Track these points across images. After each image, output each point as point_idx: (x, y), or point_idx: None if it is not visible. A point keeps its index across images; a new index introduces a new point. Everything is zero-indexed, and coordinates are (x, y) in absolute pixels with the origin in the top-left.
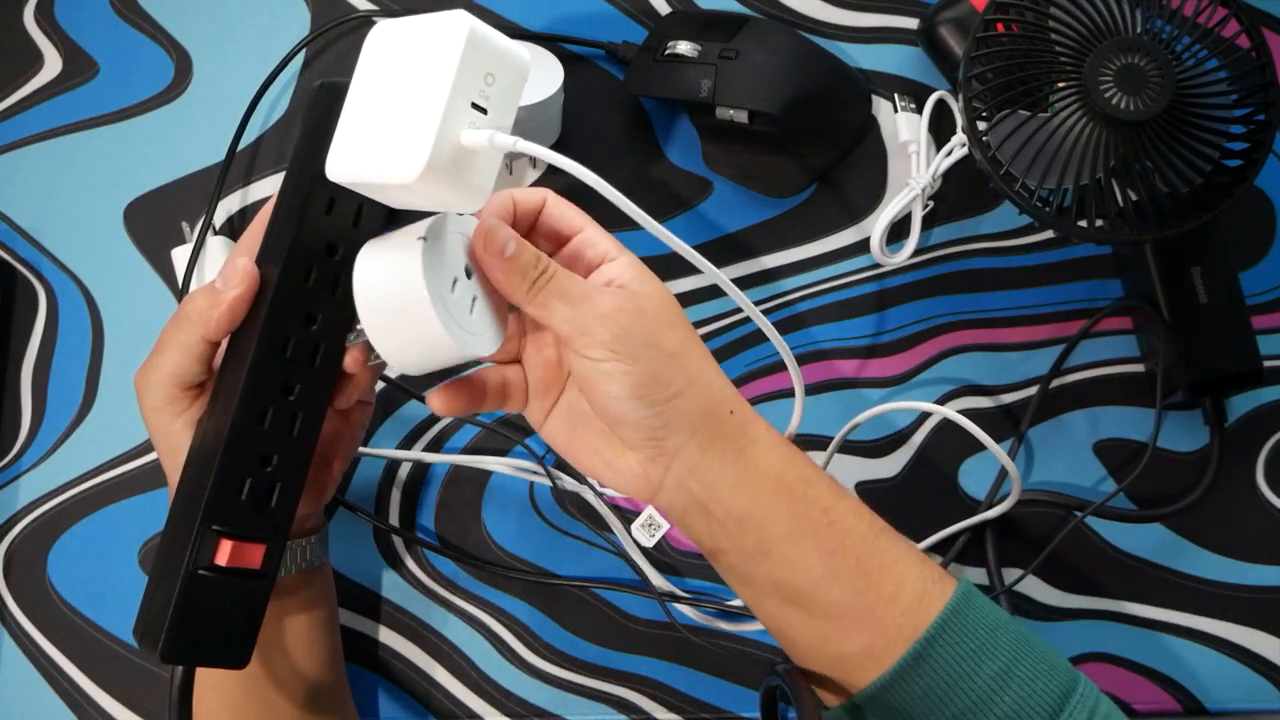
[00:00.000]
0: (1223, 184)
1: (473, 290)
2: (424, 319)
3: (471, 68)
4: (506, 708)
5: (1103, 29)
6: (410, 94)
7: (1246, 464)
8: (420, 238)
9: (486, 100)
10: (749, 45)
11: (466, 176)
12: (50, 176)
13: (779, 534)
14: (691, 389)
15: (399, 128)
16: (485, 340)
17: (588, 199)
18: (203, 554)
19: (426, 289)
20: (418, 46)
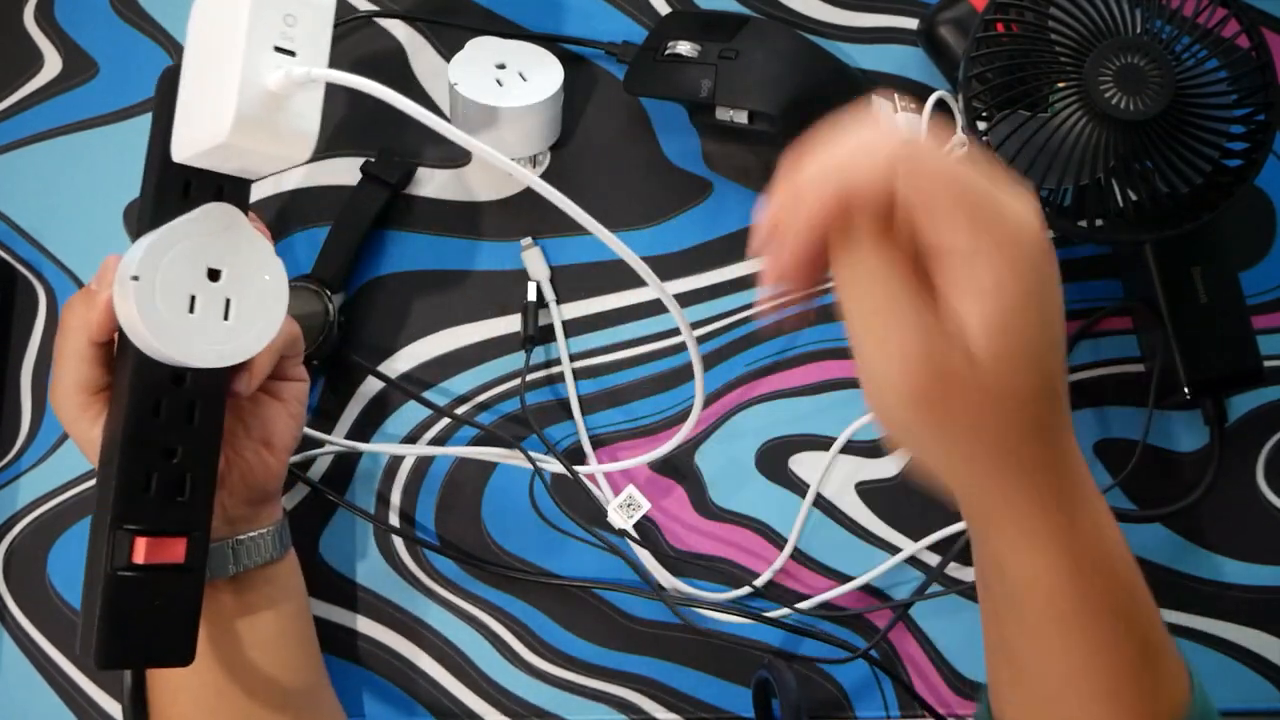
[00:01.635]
0: (1223, 184)
1: (224, 292)
2: (156, 353)
3: (265, 12)
4: (506, 708)
5: (1103, 29)
6: (216, 53)
7: (1246, 464)
8: (132, 276)
9: (291, 41)
10: (749, 45)
11: (286, 122)
12: (50, 176)
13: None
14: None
15: (211, 88)
16: (259, 332)
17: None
18: (119, 554)
19: (147, 331)
20: (217, 6)
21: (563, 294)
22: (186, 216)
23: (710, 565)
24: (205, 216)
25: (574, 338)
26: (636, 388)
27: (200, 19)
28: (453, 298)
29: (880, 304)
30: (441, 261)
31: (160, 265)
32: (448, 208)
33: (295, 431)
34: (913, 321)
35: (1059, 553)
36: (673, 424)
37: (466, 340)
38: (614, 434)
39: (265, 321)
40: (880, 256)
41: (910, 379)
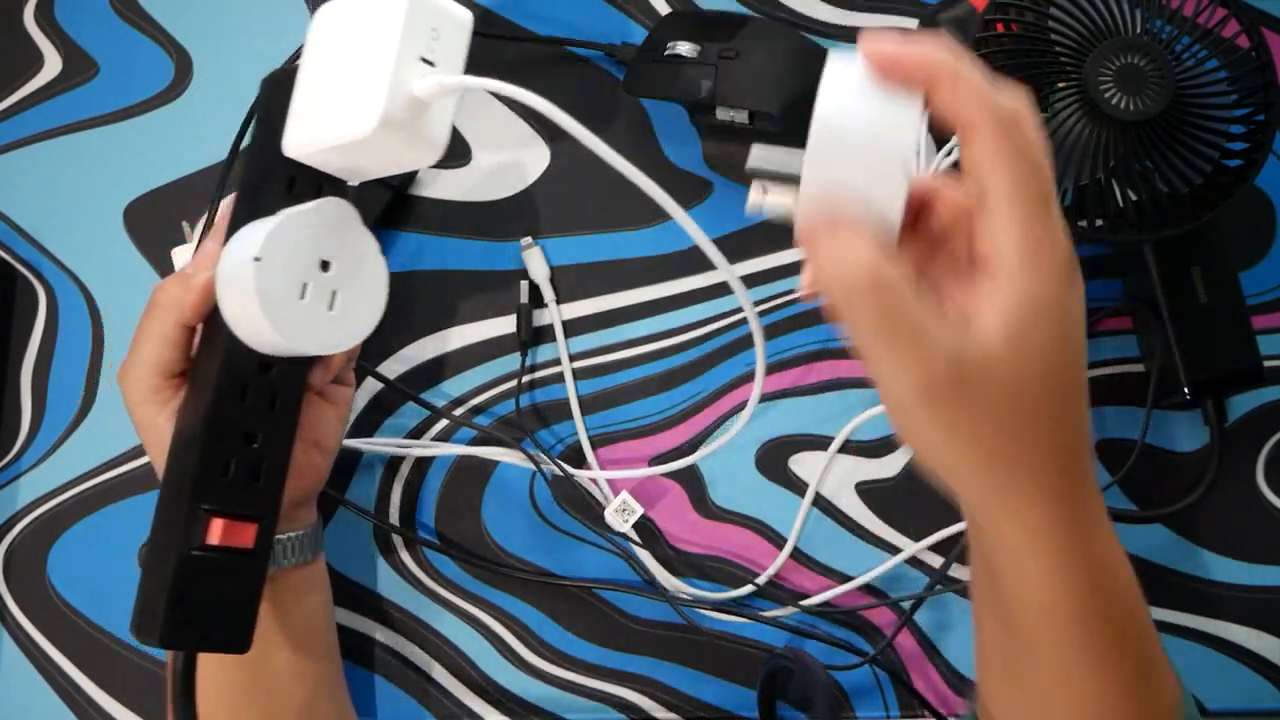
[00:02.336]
0: (1223, 184)
1: (332, 283)
2: (270, 337)
3: (417, 24)
4: (506, 708)
5: (1103, 29)
6: (359, 59)
7: (1246, 464)
8: (255, 258)
9: (434, 54)
10: (749, 45)
11: (422, 128)
12: (50, 176)
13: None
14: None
15: (352, 89)
16: (358, 325)
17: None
18: (194, 534)
19: (261, 310)
20: (361, 17)
21: (563, 294)
22: (304, 207)
23: (710, 565)
24: (321, 209)
25: (574, 338)
26: (636, 388)
27: (333, 26)
28: (453, 298)
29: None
30: (441, 261)
31: (281, 249)
32: (448, 208)
33: (341, 435)
34: (924, 322)
35: (1064, 571)
36: (673, 424)
37: (466, 341)
38: (614, 434)
39: (364, 316)
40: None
41: (924, 379)
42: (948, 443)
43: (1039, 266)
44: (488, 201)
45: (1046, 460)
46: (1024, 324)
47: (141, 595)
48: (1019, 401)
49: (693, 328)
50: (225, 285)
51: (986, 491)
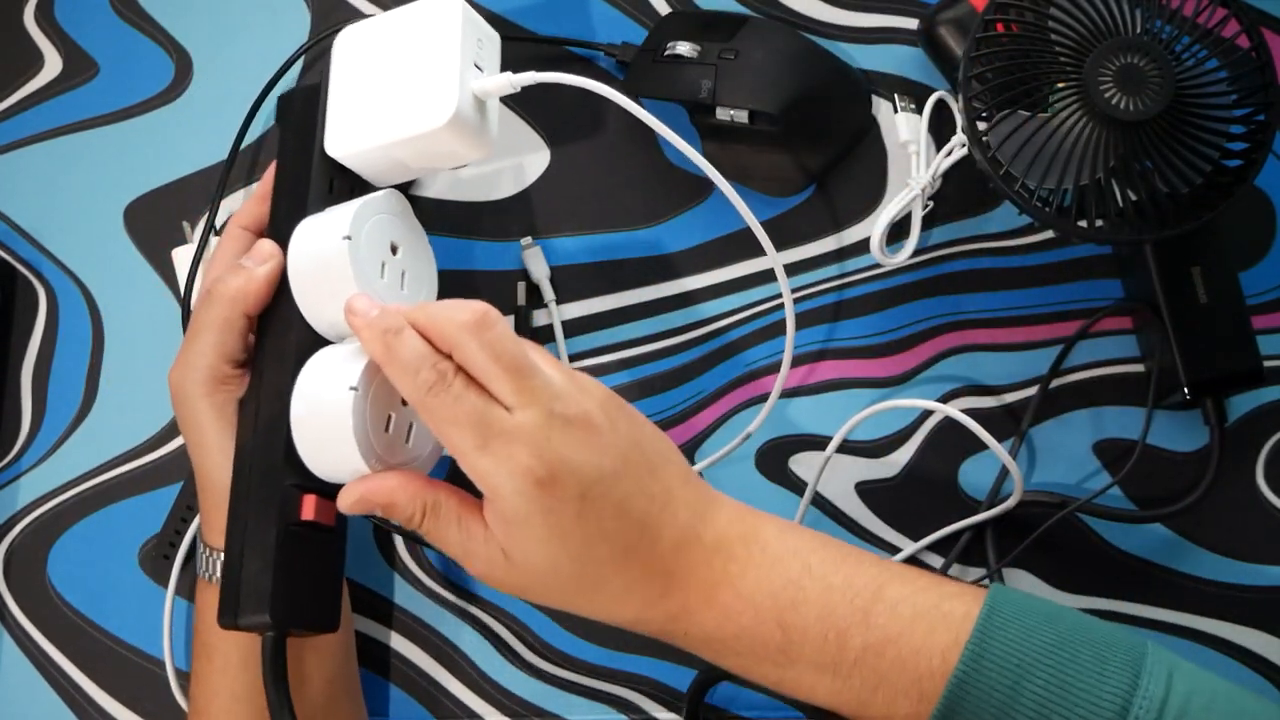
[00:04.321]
0: (1223, 184)
1: (400, 265)
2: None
3: (470, 35)
4: (506, 708)
5: (1103, 29)
6: (417, 62)
7: (1246, 464)
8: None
9: (482, 61)
10: (749, 45)
11: (482, 124)
12: (50, 176)
13: (769, 661)
14: (599, 607)
15: (415, 91)
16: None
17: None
18: (290, 510)
19: (356, 283)
20: (409, 31)
21: (562, 294)
22: (372, 196)
23: None
24: (387, 198)
25: (574, 338)
26: (636, 388)
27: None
28: (452, 298)
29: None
30: (441, 261)
31: (365, 228)
32: (448, 208)
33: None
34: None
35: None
36: (673, 424)
37: None
38: None
39: (426, 297)
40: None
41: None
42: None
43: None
44: (488, 201)
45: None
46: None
47: (234, 579)
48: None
49: (693, 328)
50: (307, 267)
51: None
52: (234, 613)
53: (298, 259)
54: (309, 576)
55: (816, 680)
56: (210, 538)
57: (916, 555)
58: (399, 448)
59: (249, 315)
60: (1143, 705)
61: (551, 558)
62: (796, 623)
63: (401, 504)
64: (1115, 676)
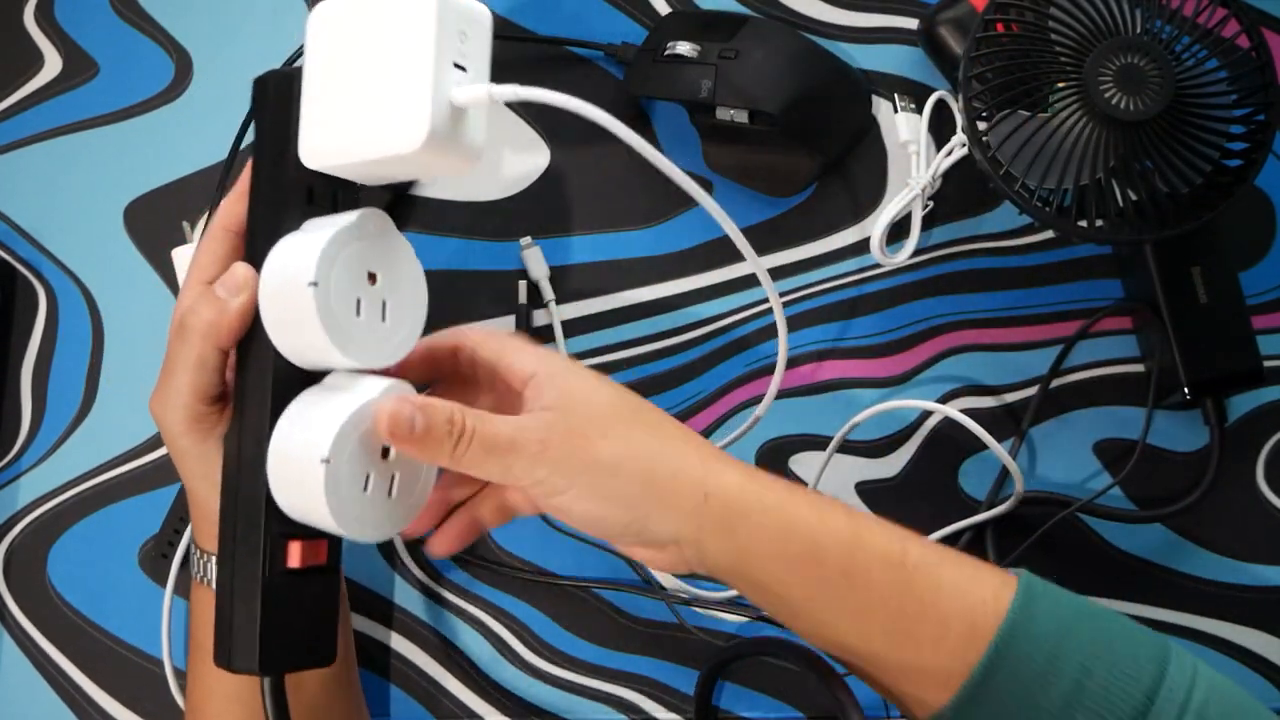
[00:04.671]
0: (1223, 184)
1: (380, 294)
2: (332, 359)
3: (448, 28)
4: (506, 708)
5: (1103, 29)
6: (388, 65)
7: (1246, 464)
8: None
9: (464, 58)
10: (749, 45)
11: (464, 137)
12: (50, 176)
13: (799, 601)
14: (650, 490)
15: (387, 100)
16: (409, 333)
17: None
18: (276, 560)
19: (326, 334)
20: (379, 17)
21: (562, 294)
22: (345, 223)
23: None
24: (363, 221)
25: (574, 338)
26: (636, 388)
27: (341, 26)
28: (452, 298)
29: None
30: (442, 262)
31: (334, 269)
32: (448, 208)
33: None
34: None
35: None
36: None
37: None
38: None
39: (413, 322)
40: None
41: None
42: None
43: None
44: (488, 201)
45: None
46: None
47: (226, 624)
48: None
49: (693, 328)
50: (274, 308)
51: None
52: (226, 658)
53: (267, 297)
54: (302, 618)
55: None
56: (201, 542)
57: None
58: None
59: (224, 350)
60: (1179, 667)
61: (600, 394)
62: (862, 519)
63: (437, 410)
64: (1148, 645)
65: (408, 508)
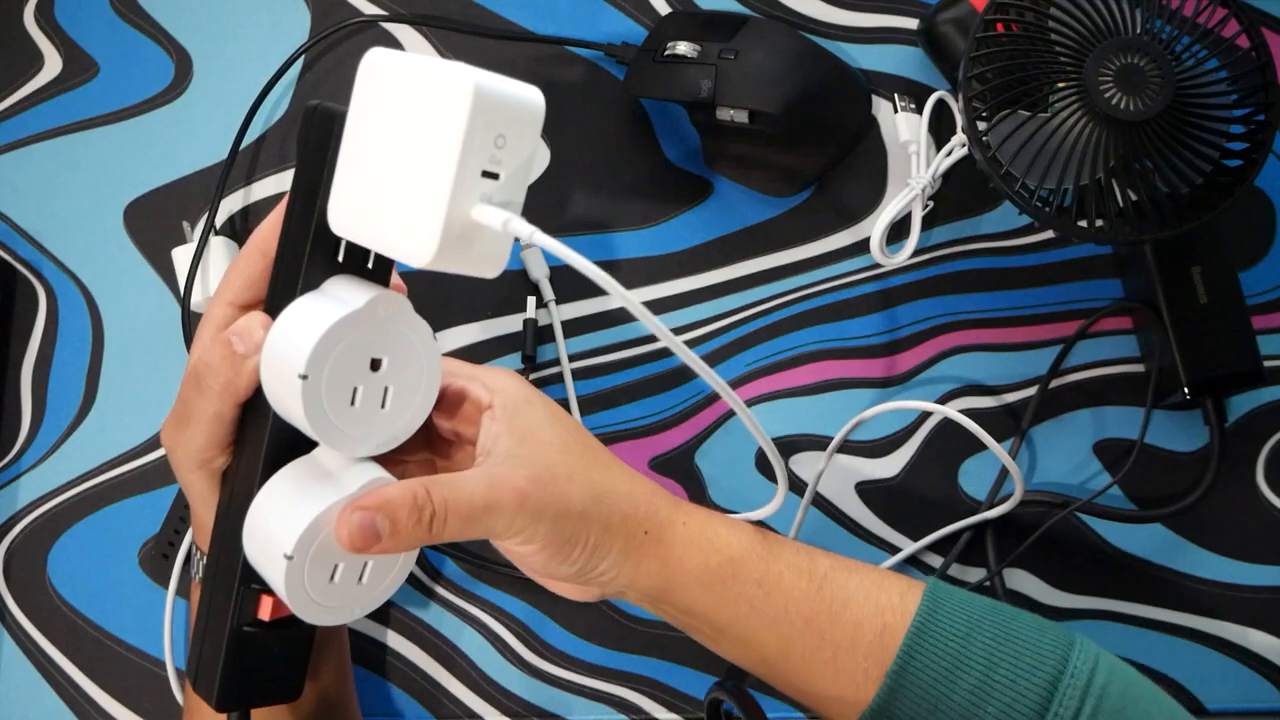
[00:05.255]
0: (1223, 184)
1: (383, 381)
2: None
3: (480, 133)
4: (506, 708)
5: (1103, 29)
6: (414, 157)
7: (1246, 464)
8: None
9: (498, 165)
10: (749, 45)
11: (481, 249)
12: (50, 176)
13: (723, 618)
14: (606, 535)
15: (406, 199)
16: (410, 419)
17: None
18: (245, 611)
19: (310, 427)
20: (418, 100)
21: (562, 294)
22: (355, 309)
23: None
24: (372, 307)
25: (574, 338)
26: (636, 388)
27: (387, 89)
28: (451, 298)
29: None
30: None
31: (329, 361)
32: None
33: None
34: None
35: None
36: (673, 424)
37: (465, 341)
38: (614, 434)
39: (418, 407)
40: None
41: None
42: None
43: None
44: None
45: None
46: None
47: (195, 651)
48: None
49: (693, 328)
50: (272, 378)
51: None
52: (193, 679)
53: (266, 363)
54: (267, 663)
55: (791, 588)
56: (202, 545)
57: (916, 555)
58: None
59: (240, 405)
60: (1081, 654)
61: (558, 431)
62: (772, 536)
63: (398, 505)
64: (1051, 635)
65: (380, 590)
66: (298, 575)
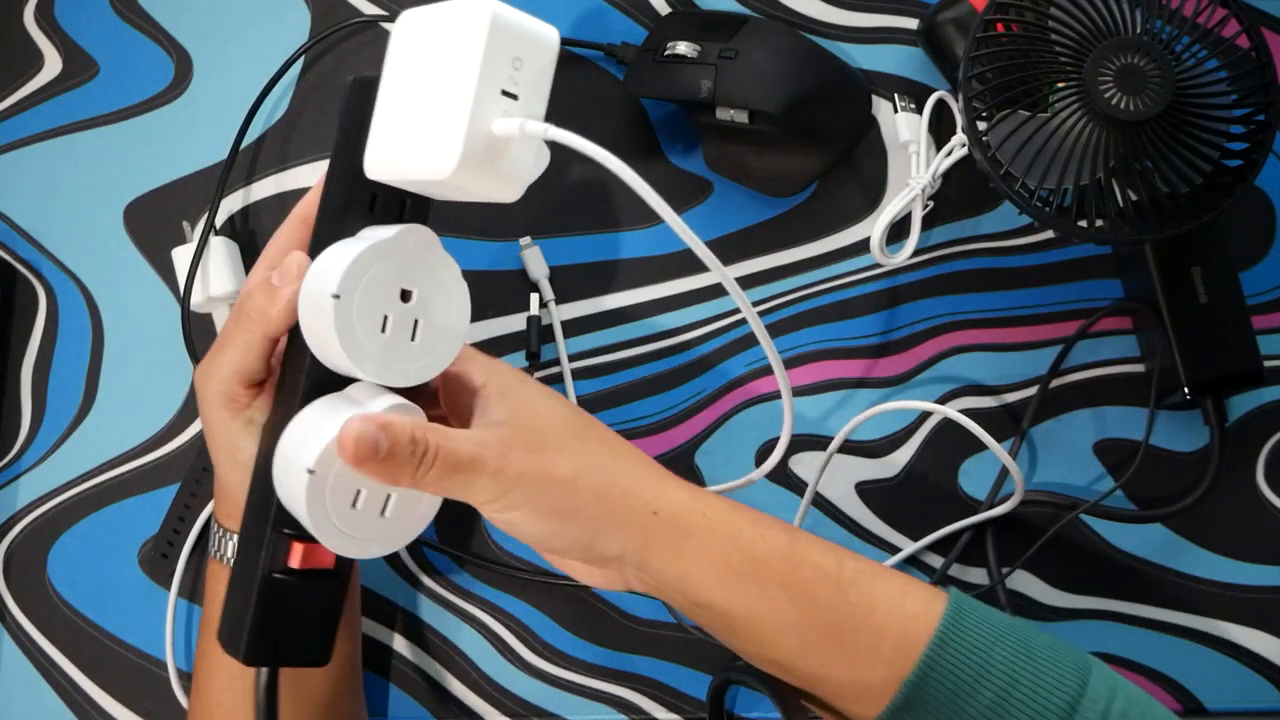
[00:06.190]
0: (1223, 184)
1: (413, 313)
2: (342, 369)
3: (498, 54)
4: (506, 708)
5: (1103, 29)
6: (439, 87)
7: (1246, 464)
8: (333, 294)
9: (516, 85)
10: (749, 45)
11: (503, 166)
12: (50, 176)
13: (740, 617)
14: (603, 507)
15: (431, 122)
16: (441, 354)
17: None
18: (276, 558)
19: (341, 348)
20: (441, 37)
21: (562, 294)
22: (385, 237)
23: None
24: (403, 237)
25: (574, 338)
26: (636, 388)
27: (414, 39)
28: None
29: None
30: None
31: (360, 284)
32: (448, 207)
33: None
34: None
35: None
36: (673, 424)
37: (465, 340)
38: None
39: (447, 345)
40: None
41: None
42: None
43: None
44: (488, 201)
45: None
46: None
47: (227, 610)
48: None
49: (693, 328)
50: (307, 311)
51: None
52: (222, 642)
53: (303, 302)
54: (296, 618)
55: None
56: (220, 518)
57: (916, 555)
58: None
59: (271, 338)
60: (1100, 679)
61: (551, 405)
62: (800, 536)
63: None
64: (1070, 658)
65: (403, 529)
66: (319, 493)
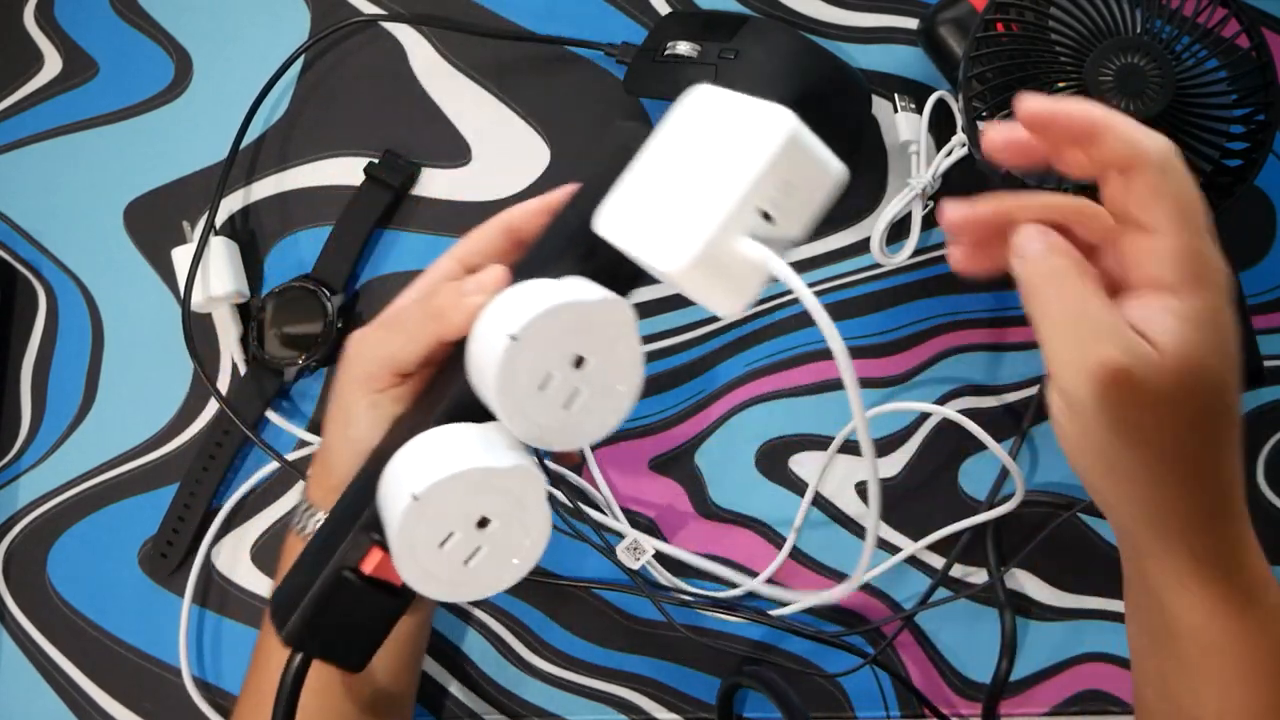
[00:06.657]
0: (1223, 184)
1: (578, 382)
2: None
3: (777, 173)
4: (506, 708)
5: (1103, 29)
6: (704, 179)
7: (1247, 464)
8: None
9: (776, 208)
10: (749, 45)
11: (730, 283)
12: (50, 176)
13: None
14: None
15: (680, 211)
16: (585, 433)
17: None
18: (351, 555)
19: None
20: (730, 129)
21: None
22: (587, 299)
23: (710, 565)
24: (600, 307)
25: None
26: None
27: (700, 118)
28: None
29: (1070, 302)
30: None
31: (541, 336)
32: (449, 208)
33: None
34: (1104, 320)
35: (1211, 599)
36: (673, 424)
37: None
38: (614, 434)
39: (590, 428)
40: (1071, 257)
41: (1098, 363)
42: (1111, 444)
43: (1201, 288)
44: (488, 202)
45: (1201, 502)
46: (1189, 339)
47: (288, 582)
48: (1184, 398)
49: (693, 328)
50: (481, 335)
51: (1147, 499)
52: (271, 611)
53: (480, 327)
54: (349, 619)
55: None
56: (309, 492)
57: (916, 555)
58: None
59: (440, 341)
60: None
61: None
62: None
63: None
64: None
65: (477, 586)
66: (414, 520)
